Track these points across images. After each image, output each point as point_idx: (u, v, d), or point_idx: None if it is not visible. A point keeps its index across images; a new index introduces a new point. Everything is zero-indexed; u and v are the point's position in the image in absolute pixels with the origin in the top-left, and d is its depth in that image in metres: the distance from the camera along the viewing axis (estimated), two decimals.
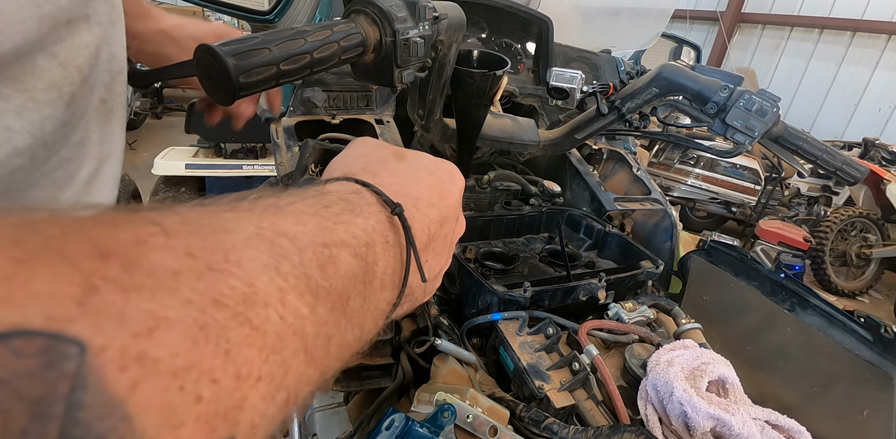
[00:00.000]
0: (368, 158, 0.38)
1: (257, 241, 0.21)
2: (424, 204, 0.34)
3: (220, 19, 8.48)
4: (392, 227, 0.31)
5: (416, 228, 0.32)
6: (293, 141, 0.97)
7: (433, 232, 0.35)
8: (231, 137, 3.08)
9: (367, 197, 0.31)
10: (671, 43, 5.24)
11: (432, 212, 0.35)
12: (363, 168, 0.36)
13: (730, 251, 1.03)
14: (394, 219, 0.31)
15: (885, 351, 0.81)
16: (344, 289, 0.25)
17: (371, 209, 0.30)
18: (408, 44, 0.57)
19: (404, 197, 0.33)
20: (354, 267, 0.26)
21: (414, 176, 0.36)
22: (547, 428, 0.63)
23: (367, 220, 0.29)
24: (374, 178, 0.33)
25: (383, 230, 0.30)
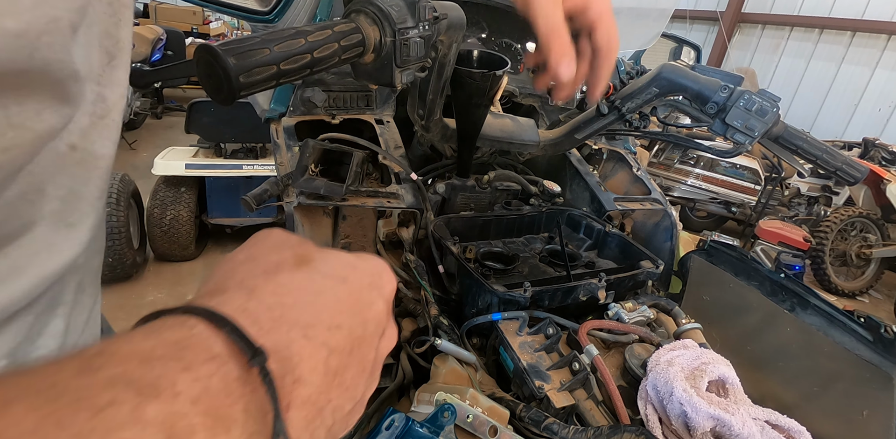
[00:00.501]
0: (255, 264, 0.29)
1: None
2: (323, 329, 0.26)
3: (221, 19, 8.49)
4: (248, 386, 0.22)
5: (303, 368, 0.24)
6: (293, 141, 0.97)
7: (337, 364, 0.26)
8: (231, 137, 3.08)
9: (211, 341, 0.22)
10: (671, 43, 5.24)
11: (335, 339, 0.26)
12: (240, 281, 0.27)
13: (730, 251, 1.03)
14: (252, 373, 0.22)
15: (885, 351, 0.81)
16: None
17: (208, 366, 0.21)
18: (408, 44, 0.57)
19: (288, 325, 0.25)
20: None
21: (313, 290, 0.27)
22: (547, 428, 0.63)
23: (188, 389, 0.19)
24: (246, 299, 0.25)
25: (219, 400, 0.20)
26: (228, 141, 3.10)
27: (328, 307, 0.27)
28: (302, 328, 0.25)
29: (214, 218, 3.22)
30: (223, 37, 8.16)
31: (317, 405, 0.25)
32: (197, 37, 8.03)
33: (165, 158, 3.03)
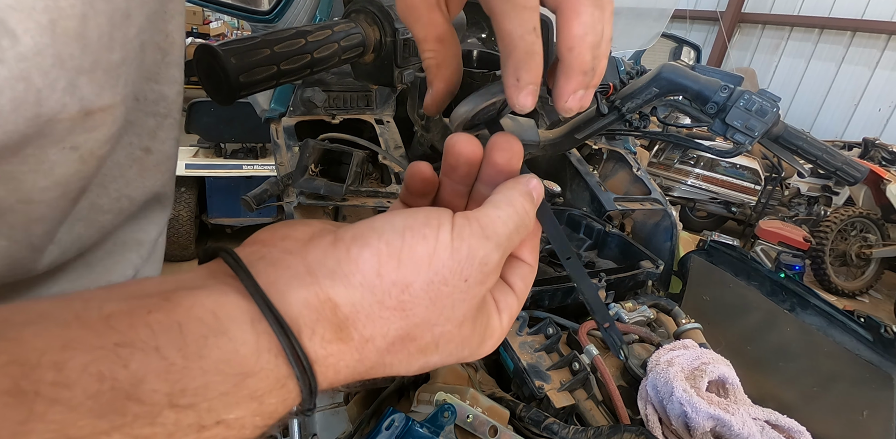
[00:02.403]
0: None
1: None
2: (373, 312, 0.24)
3: (220, 19, 8.49)
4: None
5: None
6: (293, 141, 0.97)
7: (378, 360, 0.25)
8: (231, 137, 3.08)
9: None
10: (671, 43, 5.24)
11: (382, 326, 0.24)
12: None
13: (730, 251, 1.03)
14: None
15: (885, 351, 0.81)
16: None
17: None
18: (408, 43, 0.57)
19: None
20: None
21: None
22: (547, 428, 0.63)
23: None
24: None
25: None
26: (228, 141, 3.10)
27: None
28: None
29: (214, 218, 3.22)
30: (223, 37, 8.15)
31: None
32: (197, 37, 8.03)
33: None
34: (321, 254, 0.24)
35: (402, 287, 0.24)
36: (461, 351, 0.28)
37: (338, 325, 0.23)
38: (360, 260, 0.23)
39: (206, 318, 0.20)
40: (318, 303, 0.23)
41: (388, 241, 0.24)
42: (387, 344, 0.24)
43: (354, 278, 0.23)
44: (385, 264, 0.23)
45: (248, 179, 3.09)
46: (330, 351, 0.23)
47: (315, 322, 0.23)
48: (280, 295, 0.22)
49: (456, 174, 0.31)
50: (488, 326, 0.29)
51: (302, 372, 0.22)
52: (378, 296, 0.23)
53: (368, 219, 0.26)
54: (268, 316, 0.21)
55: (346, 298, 0.23)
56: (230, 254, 0.24)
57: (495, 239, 0.26)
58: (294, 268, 0.24)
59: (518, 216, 0.27)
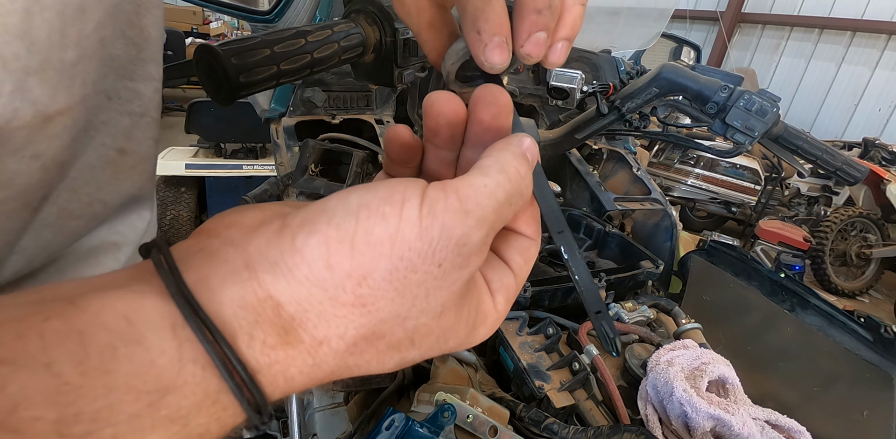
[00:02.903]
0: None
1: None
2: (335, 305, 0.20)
3: (221, 19, 8.49)
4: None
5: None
6: (293, 141, 0.97)
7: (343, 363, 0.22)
8: (231, 137, 3.08)
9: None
10: (671, 43, 5.24)
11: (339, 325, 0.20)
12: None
13: (730, 251, 1.03)
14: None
15: (885, 351, 0.81)
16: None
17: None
18: (408, 44, 0.57)
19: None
20: None
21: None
22: (547, 428, 0.63)
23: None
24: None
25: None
26: (228, 141, 3.10)
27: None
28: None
29: None
30: (223, 37, 8.15)
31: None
32: (197, 37, 8.02)
33: (165, 158, 3.03)
34: (264, 244, 0.21)
35: (359, 278, 0.20)
36: (445, 344, 0.24)
37: (282, 327, 0.20)
38: (306, 249, 0.20)
39: (117, 325, 0.17)
40: (256, 302, 0.19)
41: (339, 225, 0.20)
42: (346, 345, 0.21)
43: (299, 271, 0.19)
44: (335, 252, 0.19)
45: (248, 179, 3.09)
46: (275, 358, 0.20)
47: (253, 324, 0.19)
48: (210, 293, 0.19)
49: (438, 138, 0.27)
50: (478, 311, 0.24)
51: (238, 386, 0.19)
52: (330, 292, 0.20)
53: (323, 198, 0.22)
54: (190, 319, 0.18)
55: (290, 295, 0.19)
56: (160, 248, 0.21)
57: (478, 213, 0.21)
58: (231, 261, 0.20)
59: (511, 183, 0.23)
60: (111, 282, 0.20)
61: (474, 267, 0.22)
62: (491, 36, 0.25)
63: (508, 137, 0.26)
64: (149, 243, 0.22)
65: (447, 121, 0.27)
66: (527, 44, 0.26)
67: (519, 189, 0.23)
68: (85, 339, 0.16)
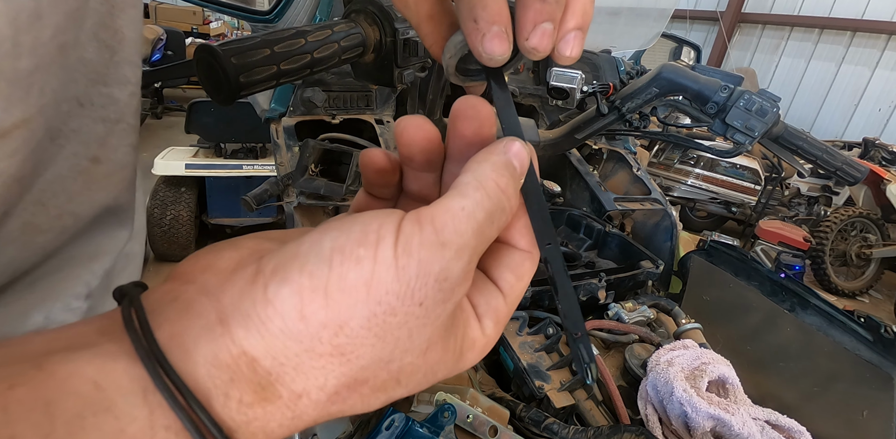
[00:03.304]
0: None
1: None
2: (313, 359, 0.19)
3: (221, 19, 8.49)
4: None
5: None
6: (293, 141, 0.97)
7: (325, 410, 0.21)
8: (231, 137, 3.08)
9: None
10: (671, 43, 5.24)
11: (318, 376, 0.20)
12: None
13: (730, 251, 1.03)
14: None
15: (885, 351, 0.81)
16: None
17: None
18: (408, 44, 0.57)
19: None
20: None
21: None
22: (547, 428, 0.63)
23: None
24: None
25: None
26: (228, 141, 3.10)
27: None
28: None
29: (214, 218, 3.22)
30: (223, 37, 8.15)
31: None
32: (197, 37, 8.03)
33: (165, 158, 3.03)
34: (237, 294, 0.20)
35: (335, 328, 0.19)
36: (434, 377, 0.23)
37: (258, 384, 0.19)
38: (278, 300, 0.19)
39: (86, 391, 0.16)
40: (230, 360, 0.18)
41: (312, 272, 0.19)
42: (327, 395, 0.20)
43: (273, 324, 0.19)
44: (309, 302, 0.18)
45: (248, 179, 3.09)
46: (253, 416, 0.19)
47: (229, 383, 0.18)
48: (184, 353, 0.18)
49: (414, 163, 0.26)
50: (465, 339, 0.23)
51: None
52: (306, 344, 0.19)
53: (297, 240, 0.21)
54: (160, 385, 0.17)
55: (265, 350, 0.19)
56: (132, 299, 0.20)
57: (456, 241, 0.20)
58: (205, 315, 0.19)
59: (491, 200, 0.21)
60: (80, 338, 0.19)
61: (459, 296, 0.21)
62: (489, 25, 0.23)
63: (491, 146, 0.24)
64: (124, 287, 0.21)
65: (420, 148, 0.25)
66: (532, 36, 0.24)
67: (500, 204, 0.22)
68: (52, 409, 0.16)
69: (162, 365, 0.18)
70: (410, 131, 0.25)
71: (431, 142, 0.25)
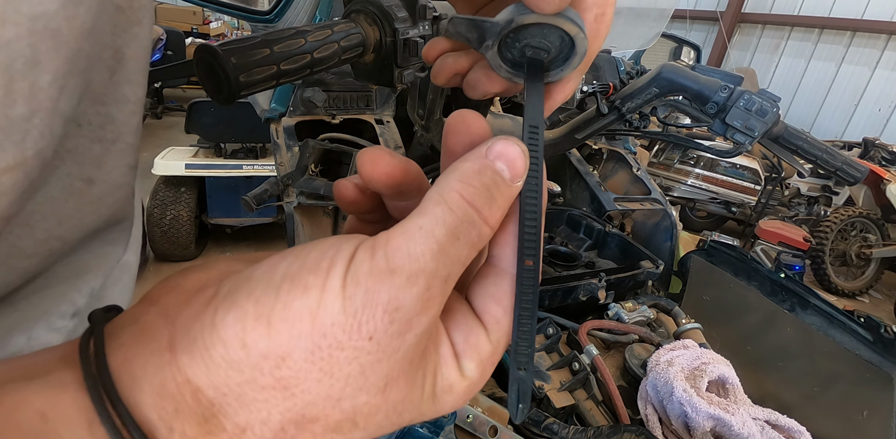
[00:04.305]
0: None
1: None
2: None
3: (221, 19, 8.49)
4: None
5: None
6: (293, 141, 0.97)
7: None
8: (231, 137, 3.08)
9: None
10: (671, 43, 5.24)
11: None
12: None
13: (730, 251, 1.03)
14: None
15: (885, 351, 0.81)
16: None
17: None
18: (408, 43, 0.57)
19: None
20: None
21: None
22: (547, 428, 0.63)
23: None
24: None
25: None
26: (228, 141, 3.10)
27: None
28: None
29: (214, 218, 3.22)
30: (223, 37, 8.16)
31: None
32: (197, 37, 8.03)
33: (165, 158, 3.03)
34: (191, 317, 0.19)
35: (276, 360, 0.17)
36: (399, 418, 0.20)
37: (202, 415, 0.18)
38: (223, 326, 0.18)
39: (30, 423, 0.16)
40: (175, 389, 0.17)
41: (258, 299, 0.18)
42: (272, 431, 0.18)
43: (216, 351, 0.17)
44: (251, 330, 0.17)
45: (248, 179, 3.09)
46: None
47: (173, 415, 0.17)
48: (132, 381, 0.17)
49: (386, 195, 0.25)
50: (439, 380, 0.21)
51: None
52: (247, 374, 0.17)
53: (259, 264, 0.20)
54: (103, 417, 0.16)
55: (207, 379, 0.17)
56: (94, 325, 0.19)
57: (408, 267, 0.18)
58: (158, 338, 0.18)
59: (454, 214, 0.19)
60: (38, 367, 0.18)
61: (420, 328, 0.19)
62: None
63: (471, 152, 0.21)
64: (94, 313, 0.20)
65: (383, 183, 0.23)
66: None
67: (468, 218, 0.19)
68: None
69: (108, 395, 0.17)
70: (367, 168, 0.23)
71: (392, 175, 0.23)
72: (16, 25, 0.20)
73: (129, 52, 0.30)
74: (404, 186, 0.24)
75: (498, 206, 0.20)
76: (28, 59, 0.21)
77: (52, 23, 0.21)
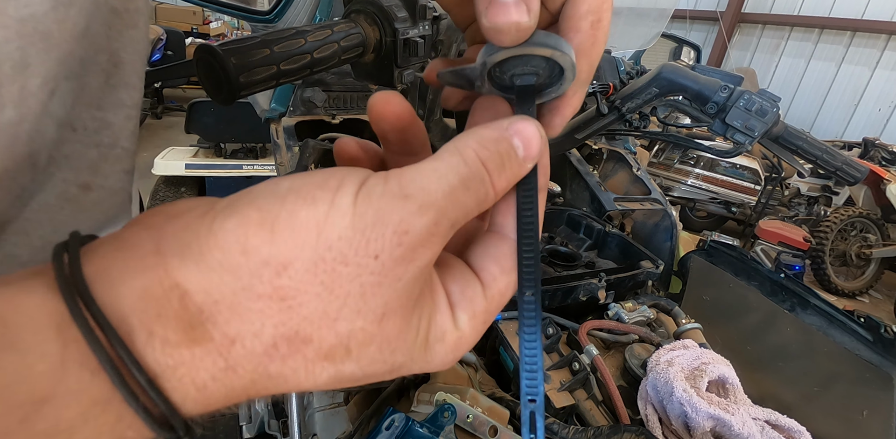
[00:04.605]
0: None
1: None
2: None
3: (220, 19, 8.49)
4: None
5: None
6: (293, 141, 0.97)
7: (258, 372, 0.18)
8: (231, 137, 3.08)
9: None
10: (671, 43, 5.24)
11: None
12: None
13: (730, 251, 1.03)
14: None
15: (885, 351, 0.81)
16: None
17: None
18: (408, 43, 0.57)
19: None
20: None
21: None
22: (547, 428, 0.63)
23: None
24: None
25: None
26: (228, 141, 3.10)
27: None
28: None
29: None
30: (223, 37, 8.16)
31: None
32: (197, 37, 8.03)
33: (165, 158, 3.03)
34: (181, 227, 0.18)
35: (278, 267, 0.17)
36: (391, 356, 0.19)
37: (188, 322, 0.17)
38: (221, 232, 0.17)
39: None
40: (160, 292, 0.17)
41: (261, 206, 0.17)
42: (264, 346, 0.17)
43: (212, 256, 0.17)
44: (253, 236, 0.17)
45: (248, 179, 3.09)
46: (179, 359, 0.17)
47: (154, 318, 0.16)
48: (109, 283, 0.16)
49: (390, 143, 0.25)
50: (432, 325, 0.20)
51: (130, 392, 0.16)
52: (244, 281, 0.17)
53: (258, 184, 0.19)
54: (76, 315, 0.16)
55: (199, 283, 0.17)
56: (72, 235, 0.18)
57: (420, 197, 0.18)
58: (141, 246, 0.17)
59: (468, 167, 0.19)
60: (12, 278, 0.17)
61: (424, 261, 0.19)
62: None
63: (492, 122, 0.21)
64: (73, 233, 0.19)
65: (390, 124, 0.24)
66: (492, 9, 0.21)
67: (479, 175, 0.20)
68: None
69: (81, 295, 0.16)
70: (378, 107, 0.23)
71: (401, 117, 0.23)
72: (3, 28, 0.19)
73: (126, 55, 0.29)
74: (409, 134, 0.24)
75: (506, 177, 0.21)
76: (17, 62, 0.21)
77: (41, 25, 0.21)
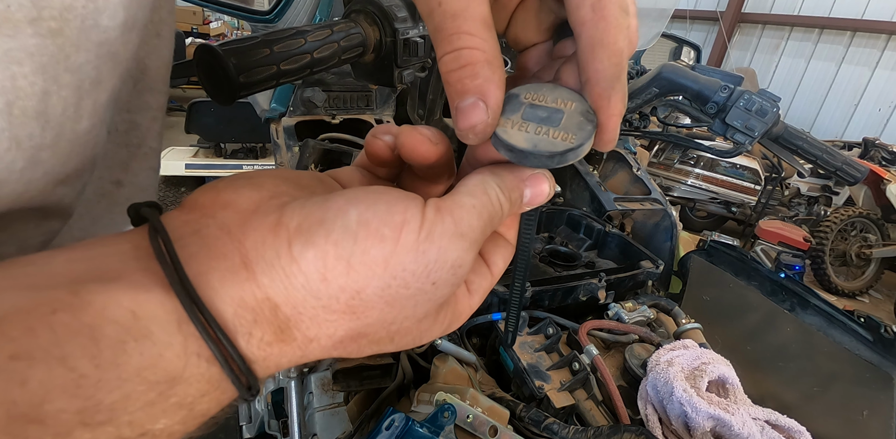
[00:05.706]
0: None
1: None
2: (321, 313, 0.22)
3: (220, 19, 8.49)
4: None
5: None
6: (293, 141, 0.97)
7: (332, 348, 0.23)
8: (231, 137, 3.08)
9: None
10: (671, 43, 5.24)
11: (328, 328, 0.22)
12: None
13: (730, 251, 1.03)
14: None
15: (885, 351, 0.81)
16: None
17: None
18: (408, 43, 0.57)
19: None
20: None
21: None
22: (547, 428, 0.63)
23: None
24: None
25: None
26: (228, 141, 3.10)
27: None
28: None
29: None
30: (223, 37, 8.15)
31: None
32: (197, 37, 8.03)
33: (166, 158, 3.03)
34: (259, 242, 0.21)
35: (352, 293, 0.21)
36: (419, 340, 0.26)
37: (278, 326, 0.21)
38: (303, 260, 0.20)
39: (124, 319, 0.18)
40: (255, 304, 0.20)
41: (337, 242, 0.20)
42: (334, 342, 0.23)
43: (296, 280, 0.21)
44: (332, 268, 0.20)
45: None
46: (270, 353, 0.21)
47: (252, 324, 0.21)
48: (212, 291, 0.20)
49: (418, 171, 0.28)
50: (455, 312, 0.26)
51: (237, 378, 0.20)
52: (324, 301, 0.21)
53: (321, 201, 0.22)
54: (194, 318, 0.19)
55: (287, 300, 0.21)
56: (157, 228, 0.21)
57: (470, 235, 0.23)
58: (230, 257, 0.21)
59: (492, 206, 0.24)
60: (108, 263, 0.20)
61: (463, 280, 0.24)
62: (461, 94, 0.23)
63: (520, 169, 0.25)
64: (140, 209, 0.22)
65: (418, 163, 0.26)
66: (614, 130, 0.25)
67: (499, 213, 0.24)
68: (95, 334, 0.17)
69: (195, 301, 0.19)
70: (407, 149, 0.25)
71: (428, 158, 0.26)
72: (86, 51, 0.23)
73: (151, 62, 0.33)
74: (436, 168, 0.27)
75: (512, 213, 0.26)
76: (93, 79, 0.24)
77: (112, 47, 0.25)
